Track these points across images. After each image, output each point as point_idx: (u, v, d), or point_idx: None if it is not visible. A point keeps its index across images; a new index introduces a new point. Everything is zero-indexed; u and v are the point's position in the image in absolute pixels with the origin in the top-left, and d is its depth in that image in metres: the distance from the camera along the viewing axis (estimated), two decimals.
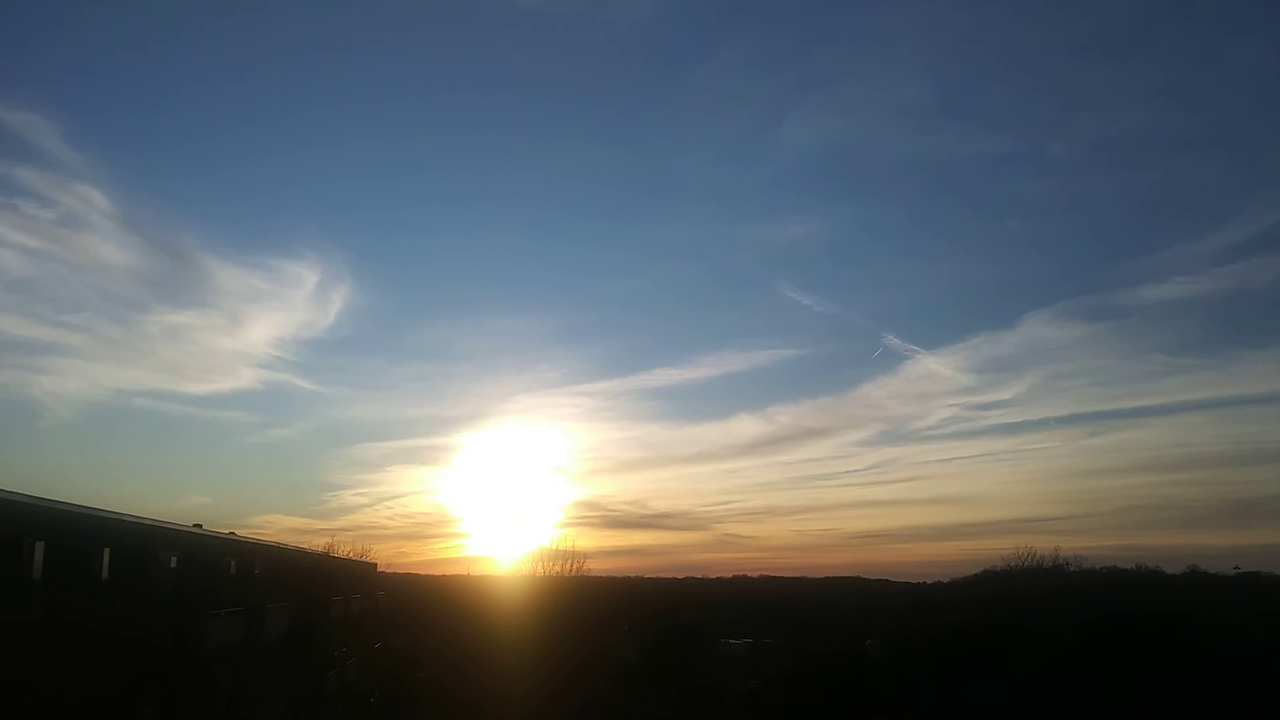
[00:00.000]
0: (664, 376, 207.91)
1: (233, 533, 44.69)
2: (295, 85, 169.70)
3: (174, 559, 30.87)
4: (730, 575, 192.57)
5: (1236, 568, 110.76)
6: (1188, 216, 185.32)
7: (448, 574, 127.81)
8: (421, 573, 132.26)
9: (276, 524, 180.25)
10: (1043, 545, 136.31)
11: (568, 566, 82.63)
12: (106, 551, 25.70)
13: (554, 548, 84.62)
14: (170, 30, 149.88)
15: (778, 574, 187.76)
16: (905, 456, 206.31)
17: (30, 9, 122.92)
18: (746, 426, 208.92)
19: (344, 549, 78.10)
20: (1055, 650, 73.45)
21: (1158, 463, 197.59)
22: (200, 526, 40.03)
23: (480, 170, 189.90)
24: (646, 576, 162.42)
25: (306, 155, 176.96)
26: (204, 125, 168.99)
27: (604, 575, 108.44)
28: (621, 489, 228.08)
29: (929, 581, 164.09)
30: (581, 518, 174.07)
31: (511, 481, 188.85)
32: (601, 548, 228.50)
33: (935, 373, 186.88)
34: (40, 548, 22.33)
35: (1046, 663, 71.65)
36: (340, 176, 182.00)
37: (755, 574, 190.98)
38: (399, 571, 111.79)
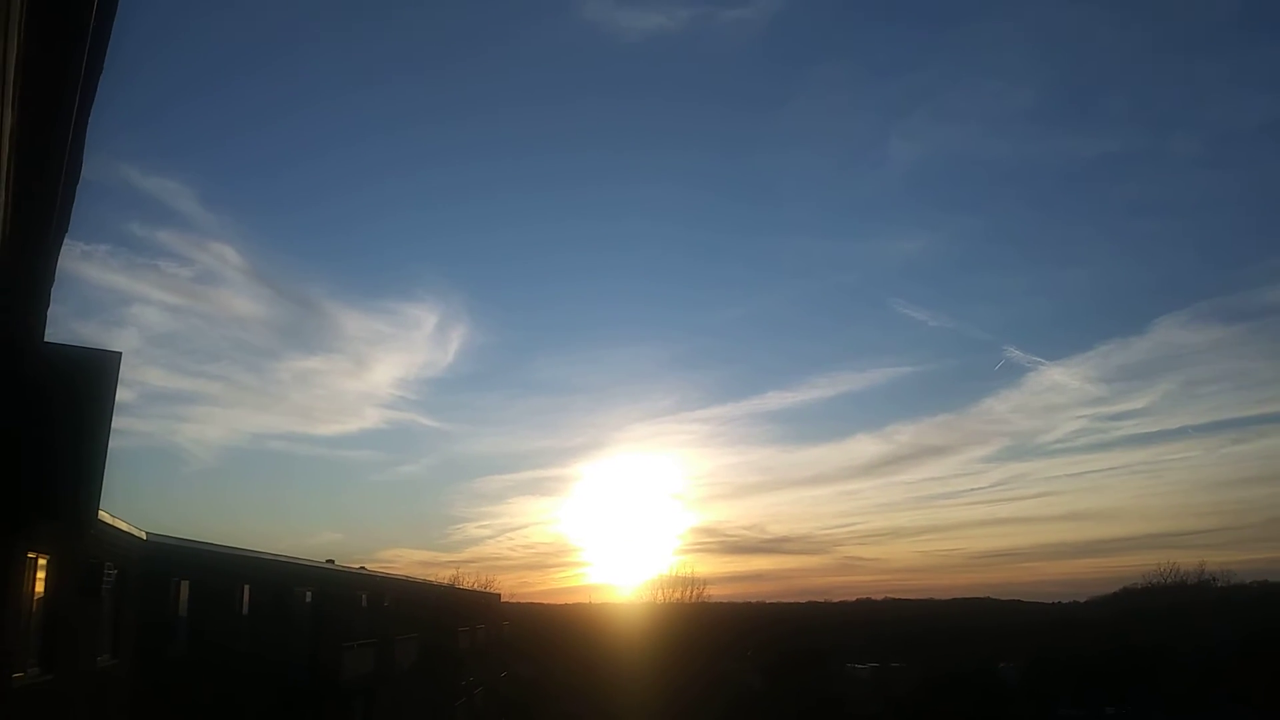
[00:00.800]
0: (777, 400, 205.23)
1: (363, 567, 46.27)
2: (412, 146, 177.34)
3: (309, 594, 32.26)
4: (854, 599, 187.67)
5: None
6: None
7: (570, 603, 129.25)
8: (544, 602, 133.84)
9: (404, 558, 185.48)
10: (1186, 560, 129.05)
11: (688, 593, 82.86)
12: (246, 588, 27.11)
13: (674, 574, 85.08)
14: (294, 101, 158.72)
15: (903, 596, 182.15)
16: (1033, 472, 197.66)
17: (161, 83, 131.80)
18: (865, 447, 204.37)
19: (469, 580, 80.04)
20: (1206, 670, 69.54)
21: None
22: (332, 562, 41.63)
23: (585, 215, 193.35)
24: (768, 602, 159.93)
25: (423, 206, 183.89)
26: (328, 183, 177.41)
27: (724, 601, 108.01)
28: (739, 514, 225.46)
29: (1064, 601, 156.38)
30: (700, 544, 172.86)
31: (630, 510, 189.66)
32: (721, 573, 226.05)
33: (1061, 384, 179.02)
34: (185, 586, 23.74)
35: (1197, 685, 67.88)
36: (455, 225, 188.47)
37: (879, 597, 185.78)
38: (522, 601, 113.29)
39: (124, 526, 19.95)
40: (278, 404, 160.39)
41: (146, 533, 22.18)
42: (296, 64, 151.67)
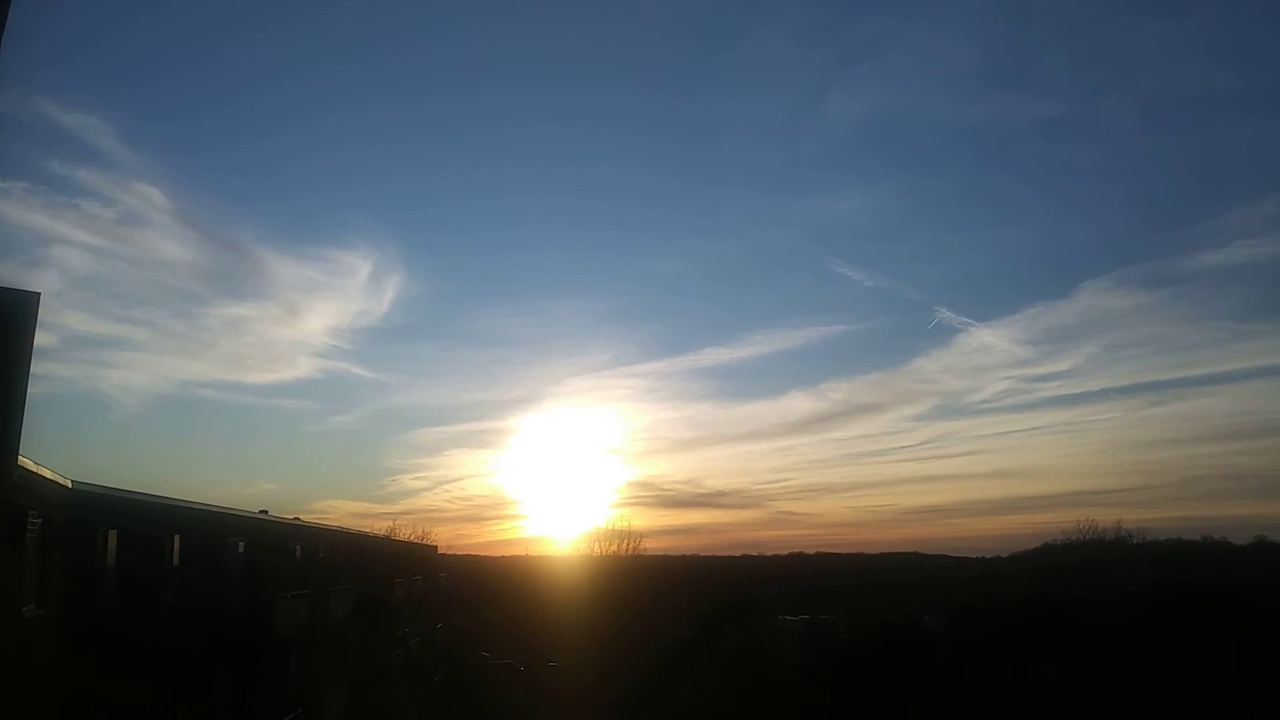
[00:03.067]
0: (714, 356, 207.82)
1: (297, 518, 45.83)
2: (343, 85, 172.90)
3: (242, 544, 31.88)
4: (786, 553, 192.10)
5: None
6: (1249, 178, 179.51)
7: (507, 555, 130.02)
8: (481, 554, 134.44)
9: (339, 509, 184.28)
10: (1105, 518, 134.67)
11: (623, 546, 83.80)
12: (177, 538, 26.65)
13: (610, 528, 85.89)
14: (221, 35, 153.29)
15: (834, 550, 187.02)
16: (961, 430, 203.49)
17: (83, 15, 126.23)
18: (799, 404, 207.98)
19: (405, 532, 79.86)
20: (1120, 621, 72.52)
21: (1223, 431, 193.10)
22: (266, 512, 41.12)
23: (523, 160, 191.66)
24: (702, 555, 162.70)
25: (357, 150, 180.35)
26: (257, 123, 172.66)
27: (659, 554, 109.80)
28: (675, 468, 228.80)
29: (988, 556, 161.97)
30: (636, 498, 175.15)
31: (567, 463, 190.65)
32: (656, 527, 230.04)
33: (990, 345, 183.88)
34: (113, 536, 23.26)
35: (1111, 634, 70.78)
36: (390, 170, 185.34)
37: (811, 551, 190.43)
38: (459, 553, 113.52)
39: (48, 474, 19.42)
40: (207, 351, 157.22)
41: (72, 481, 21.64)
42: (223, 4, 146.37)
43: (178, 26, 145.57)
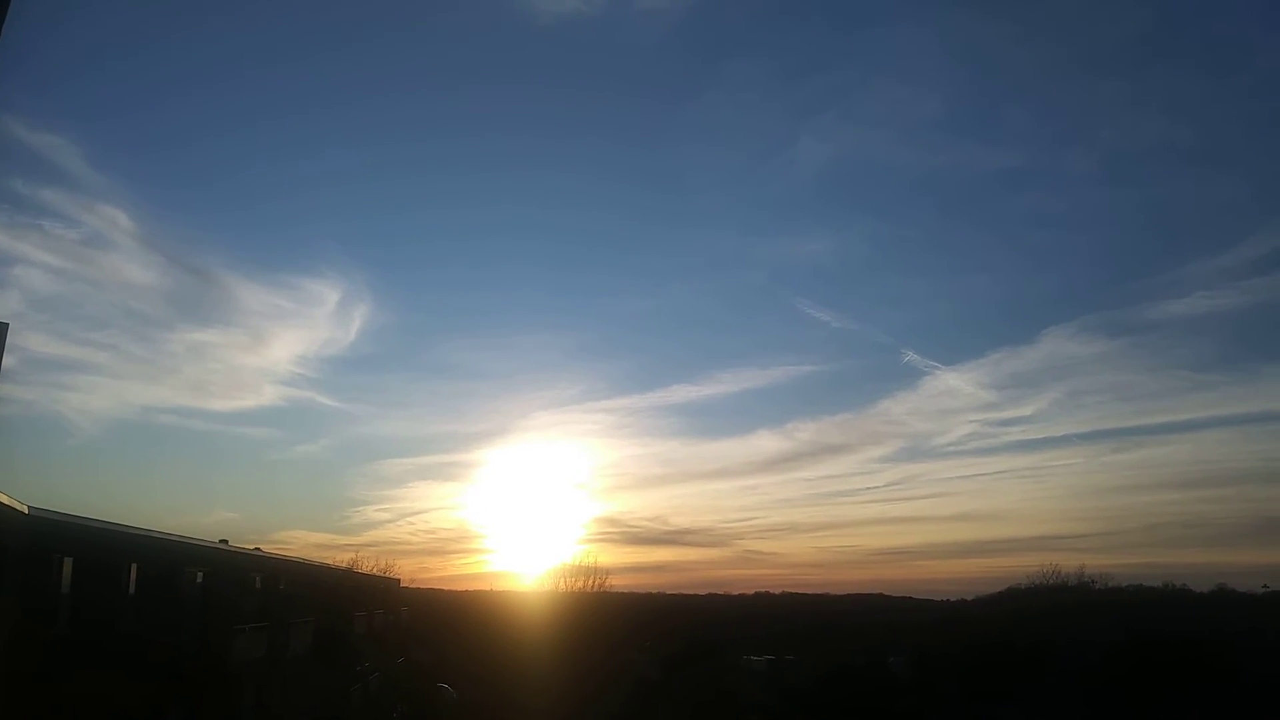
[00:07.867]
0: (682, 393, 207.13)
1: (258, 548, 45.19)
2: (316, 125, 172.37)
3: (200, 575, 31.34)
4: (752, 592, 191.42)
5: (1265, 586, 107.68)
6: (1210, 231, 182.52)
7: (470, 589, 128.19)
8: (444, 588, 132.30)
9: (300, 539, 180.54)
10: (1067, 563, 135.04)
11: (589, 582, 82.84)
12: (134, 567, 26.19)
13: (575, 564, 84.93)
14: (196, 65, 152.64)
15: (800, 590, 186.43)
16: (926, 473, 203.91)
17: (56, 39, 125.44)
18: (766, 443, 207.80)
19: (367, 564, 78.49)
20: (1082, 668, 72.75)
21: (1183, 479, 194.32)
22: (226, 542, 40.55)
23: (494, 200, 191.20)
24: (668, 593, 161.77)
25: (328, 181, 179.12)
26: (229, 150, 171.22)
27: (625, 591, 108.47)
28: (642, 505, 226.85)
29: (952, 599, 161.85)
30: (602, 534, 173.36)
31: (533, 498, 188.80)
32: (622, 564, 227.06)
33: (955, 389, 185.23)
34: (69, 563, 22.82)
35: (1073, 680, 70.97)
36: (361, 203, 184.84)
37: (777, 590, 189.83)
38: (422, 587, 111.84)
39: (4, 499, 19.07)
40: (169, 376, 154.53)
41: (29, 507, 21.23)
42: (202, 37, 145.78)
43: (150, 54, 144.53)
